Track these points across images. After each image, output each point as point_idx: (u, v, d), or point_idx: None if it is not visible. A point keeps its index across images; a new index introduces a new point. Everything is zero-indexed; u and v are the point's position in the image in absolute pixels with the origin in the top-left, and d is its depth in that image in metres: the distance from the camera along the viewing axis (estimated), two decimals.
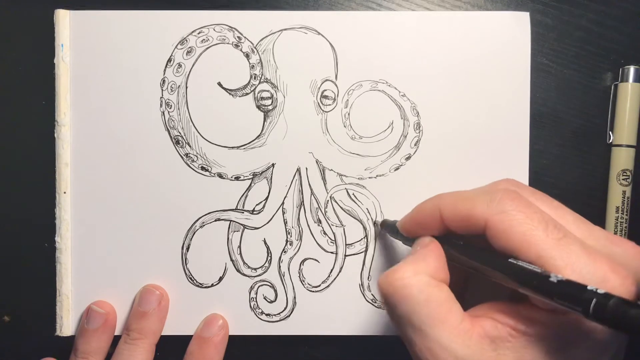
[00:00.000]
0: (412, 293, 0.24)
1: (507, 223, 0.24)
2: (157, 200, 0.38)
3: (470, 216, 0.25)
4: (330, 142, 0.39)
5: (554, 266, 0.22)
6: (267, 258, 0.39)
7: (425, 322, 0.24)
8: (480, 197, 0.25)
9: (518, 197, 0.24)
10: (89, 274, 0.38)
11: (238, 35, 0.38)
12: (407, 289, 0.25)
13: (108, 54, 0.38)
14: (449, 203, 0.27)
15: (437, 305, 0.24)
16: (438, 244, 0.28)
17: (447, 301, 0.25)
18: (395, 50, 0.38)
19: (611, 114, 0.39)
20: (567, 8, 0.39)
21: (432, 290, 0.25)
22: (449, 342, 0.23)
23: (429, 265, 0.26)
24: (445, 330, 0.24)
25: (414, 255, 0.27)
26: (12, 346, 0.39)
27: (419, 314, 0.24)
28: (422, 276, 0.25)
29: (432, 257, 0.26)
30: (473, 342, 0.23)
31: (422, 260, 0.26)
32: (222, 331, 0.38)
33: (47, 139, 0.38)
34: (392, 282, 0.25)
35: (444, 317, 0.24)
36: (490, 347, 0.23)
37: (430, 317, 0.24)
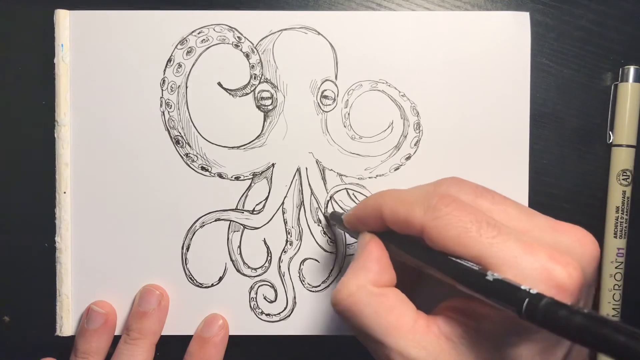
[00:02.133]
0: (360, 308, 0.25)
1: (442, 228, 0.23)
2: (157, 200, 0.38)
3: (408, 221, 0.25)
4: (330, 142, 0.39)
5: (491, 265, 0.22)
6: (267, 258, 0.39)
7: (379, 333, 0.24)
8: (418, 202, 0.25)
9: (453, 200, 0.24)
10: (89, 274, 0.38)
11: (238, 35, 0.38)
12: (356, 305, 0.25)
13: (108, 54, 0.38)
14: (388, 204, 0.26)
15: (386, 313, 0.24)
16: (378, 242, 0.27)
17: (396, 307, 0.25)
18: (395, 50, 0.38)
19: (611, 114, 0.39)
20: (567, 8, 0.39)
21: (378, 300, 0.25)
22: (405, 348, 0.23)
23: (370, 272, 0.26)
24: (399, 336, 0.23)
25: (355, 261, 0.27)
26: (12, 346, 0.39)
27: (371, 327, 0.24)
28: (366, 287, 0.25)
29: (371, 262, 0.26)
30: (430, 343, 0.23)
31: (363, 268, 0.26)
32: (222, 331, 0.38)
33: (47, 139, 0.38)
34: (339, 301, 0.25)
35: (396, 324, 0.24)
36: (448, 345, 0.23)
37: (383, 327, 0.24)
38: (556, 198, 0.39)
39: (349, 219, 0.31)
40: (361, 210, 0.29)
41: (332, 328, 0.38)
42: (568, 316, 0.18)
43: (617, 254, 0.39)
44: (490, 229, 0.23)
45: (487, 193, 0.26)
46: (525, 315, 0.19)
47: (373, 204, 0.28)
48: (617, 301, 0.39)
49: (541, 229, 0.24)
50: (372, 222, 0.28)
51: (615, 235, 0.39)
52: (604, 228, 0.39)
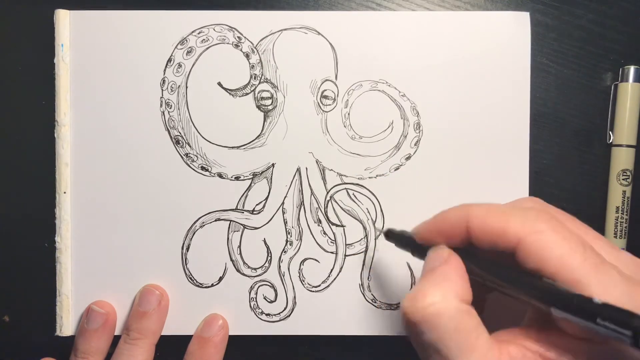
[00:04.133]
0: (443, 322, 0.23)
1: (543, 243, 0.22)
2: (157, 200, 0.38)
3: (503, 233, 0.24)
4: (330, 142, 0.39)
5: (591, 292, 0.21)
6: (267, 258, 0.39)
7: (454, 352, 0.22)
8: (514, 214, 0.24)
9: (553, 217, 0.23)
10: (89, 274, 0.38)
11: (238, 35, 0.38)
12: (437, 317, 0.23)
13: (108, 54, 0.38)
14: (479, 215, 0.25)
15: (467, 333, 0.23)
16: (459, 259, 0.26)
17: (476, 328, 0.23)
18: (395, 50, 0.38)
19: (611, 114, 0.39)
20: (567, 8, 0.39)
21: (462, 317, 0.23)
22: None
23: (456, 285, 0.24)
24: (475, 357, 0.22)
25: (435, 273, 0.25)
26: (12, 346, 0.39)
27: (448, 343, 0.23)
28: (452, 301, 0.23)
29: (456, 276, 0.25)
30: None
31: (447, 280, 0.24)
32: (222, 331, 0.38)
33: (47, 139, 0.38)
34: (420, 309, 0.23)
35: (473, 346, 0.23)
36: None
37: (460, 346, 0.23)
38: (556, 198, 0.39)
39: (424, 232, 0.28)
40: (442, 221, 0.27)
41: (332, 328, 0.38)
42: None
43: None
44: (595, 256, 0.22)
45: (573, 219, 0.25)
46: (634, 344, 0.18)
47: (458, 214, 0.26)
48: None
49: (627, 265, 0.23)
50: (453, 234, 0.26)
51: (615, 235, 0.39)
52: (604, 228, 0.39)
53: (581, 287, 0.21)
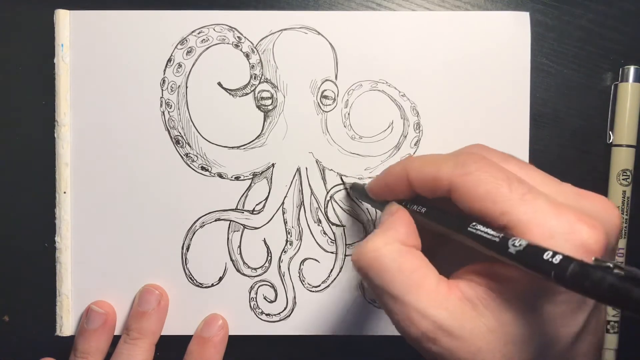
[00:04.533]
0: (385, 263, 0.24)
1: (471, 183, 0.23)
2: (157, 200, 0.38)
3: (436, 179, 0.25)
4: (330, 142, 0.39)
5: (519, 221, 0.22)
6: (267, 258, 0.39)
7: (401, 290, 0.24)
8: (445, 160, 0.25)
9: (482, 158, 0.24)
10: (89, 274, 0.38)
11: (238, 35, 0.38)
12: (380, 259, 0.25)
13: (108, 54, 0.38)
14: (415, 166, 0.27)
15: (410, 272, 0.24)
16: (405, 211, 0.27)
17: (420, 267, 0.24)
18: (395, 50, 0.38)
19: (611, 114, 0.39)
20: (567, 8, 0.39)
21: (404, 258, 0.24)
22: (426, 307, 0.23)
23: (399, 232, 0.26)
24: (421, 295, 0.23)
25: (383, 224, 0.27)
26: (12, 346, 0.39)
27: (394, 283, 0.24)
28: (393, 245, 0.25)
29: (401, 224, 0.26)
30: (451, 305, 0.23)
31: (392, 228, 0.26)
32: (222, 331, 0.38)
33: (47, 139, 0.38)
34: (364, 255, 0.25)
35: (419, 283, 0.24)
36: (469, 308, 0.23)
37: (405, 284, 0.24)
38: None
39: (373, 186, 0.30)
40: (387, 175, 0.29)
41: (332, 328, 0.38)
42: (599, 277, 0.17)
43: (617, 254, 0.39)
44: (521, 187, 0.23)
45: (513, 159, 0.26)
46: (554, 278, 0.19)
47: (399, 167, 0.28)
48: None
49: (566, 194, 0.24)
50: (399, 187, 0.28)
51: None
52: None
53: (508, 217, 0.22)
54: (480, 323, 0.23)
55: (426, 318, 0.23)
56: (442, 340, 0.23)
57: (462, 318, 0.23)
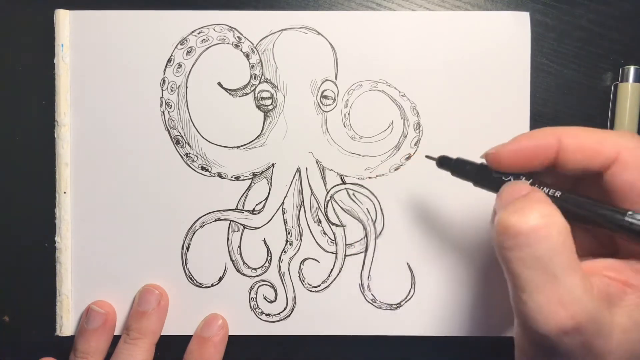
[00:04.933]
0: (552, 234, 0.22)
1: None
2: (157, 200, 0.38)
3: (600, 149, 0.23)
4: (330, 142, 0.39)
5: None
6: (267, 258, 0.39)
7: (562, 267, 0.21)
8: (608, 133, 0.23)
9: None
10: (89, 274, 0.38)
11: (238, 35, 0.38)
12: (548, 228, 0.22)
13: (108, 54, 0.38)
14: (572, 133, 0.24)
15: (572, 251, 0.22)
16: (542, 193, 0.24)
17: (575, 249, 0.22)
18: (395, 50, 0.38)
19: (611, 114, 0.39)
20: (567, 8, 0.39)
21: (569, 234, 0.22)
22: (581, 293, 0.21)
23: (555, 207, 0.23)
24: (578, 278, 0.21)
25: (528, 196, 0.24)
26: (12, 346, 0.39)
27: (554, 259, 0.21)
28: (559, 217, 0.22)
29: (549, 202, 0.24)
30: (595, 297, 0.21)
31: (547, 201, 0.23)
32: (222, 331, 0.38)
33: (47, 139, 0.38)
34: (529, 220, 0.22)
35: (577, 267, 0.22)
36: (606, 306, 0.22)
37: (567, 263, 0.21)
38: None
39: (505, 151, 0.27)
40: (530, 139, 0.26)
41: (332, 328, 0.38)
42: None
43: None
44: None
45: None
46: None
47: (547, 133, 0.25)
48: None
49: None
50: (541, 154, 0.25)
51: None
52: None
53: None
54: (615, 322, 0.21)
55: (580, 304, 0.21)
56: (587, 332, 0.21)
57: (604, 313, 0.21)
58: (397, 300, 0.38)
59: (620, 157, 0.23)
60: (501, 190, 0.26)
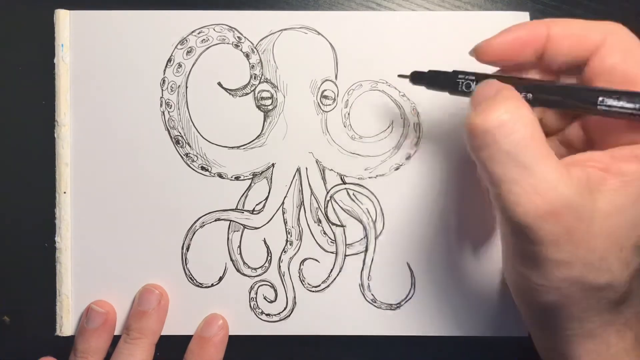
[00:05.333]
0: (518, 127, 0.22)
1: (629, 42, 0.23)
2: (157, 200, 0.38)
3: (587, 33, 0.24)
4: (330, 142, 0.39)
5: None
6: (267, 258, 0.39)
7: (533, 158, 0.22)
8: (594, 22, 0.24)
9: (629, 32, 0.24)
10: (89, 274, 0.38)
11: (238, 35, 0.38)
12: (514, 121, 0.23)
13: (108, 54, 0.38)
14: (561, 22, 0.25)
15: (542, 141, 0.23)
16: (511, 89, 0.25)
17: (546, 140, 0.23)
18: (395, 50, 0.38)
19: None
20: (567, 8, 0.39)
21: (537, 126, 0.23)
22: (557, 180, 0.22)
23: (524, 102, 0.24)
24: (551, 166, 0.22)
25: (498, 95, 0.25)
26: (12, 346, 0.39)
27: (525, 150, 0.22)
28: (526, 110, 0.23)
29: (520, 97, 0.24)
30: (574, 183, 0.22)
31: (514, 97, 0.24)
32: (222, 331, 0.38)
33: (47, 139, 0.38)
34: (496, 117, 0.23)
35: (549, 154, 0.22)
36: (587, 190, 0.22)
37: (538, 152, 0.22)
38: None
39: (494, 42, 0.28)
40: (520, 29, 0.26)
41: (332, 328, 0.38)
42: None
43: None
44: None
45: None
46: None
47: (537, 23, 0.26)
48: None
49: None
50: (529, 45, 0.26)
51: None
52: None
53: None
54: (596, 207, 0.22)
55: (556, 190, 0.22)
56: (566, 217, 0.22)
57: (585, 198, 0.22)
58: (397, 300, 0.38)
59: (606, 42, 0.23)
60: (473, 93, 0.27)
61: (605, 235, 0.22)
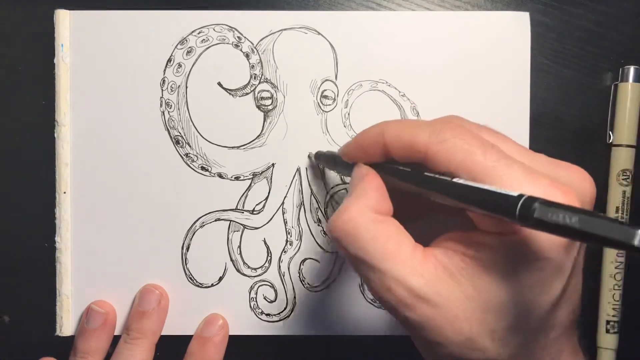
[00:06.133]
0: (360, 233, 0.24)
1: (446, 151, 0.23)
2: (157, 200, 0.38)
3: (412, 144, 0.25)
4: (330, 142, 0.39)
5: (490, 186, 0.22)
6: (267, 258, 0.39)
7: (376, 259, 0.24)
8: (422, 127, 0.25)
9: (459, 126, 0.24)
10: (89, 274, 0.38)
11: (238, 35, 0.38)
12: (354, 230, 0.24)
13: (108, 54, 0.38)
14: (392, 130, 0.26)
15: (385, 240, 0.24)
16: (375, 173, 0.27)
17: (395, 235, 0.24)
18: (395, 50, 0.38)
19: (611, 114, 0.39)
20: (567, 8, 0.39)
21: (378, 227, 0.24)
22: (403, 275, 0.23)
23: (371, 199, 0.26)
24: (397, 263, 0.23)
25: (355, 191, 0.27)
26: (12, 346, 0.39)
27: (369, 252, 0.24)
28: (367, 214, 0.25)
29: (372, 190, 0.26)
30: (427, 272, 0.23)
31: (364, 196, 0.26)
32: (222, 331, 0.38)
33: (47, 139, 0.38)
34: (339, 226, 0.25)
35: (394, 251, 0.24)
36: (446, 276, 0.23)
37: (380, 253, 0.24)
38: None
39: (347, 149, 0.30)
40: (362, 137, 0.28)
41: (332, 328, 0.38)
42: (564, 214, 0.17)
43: (617, 254, 0.39)
44: (495, 153, 0.23)
45: (487, 128, 0.26)
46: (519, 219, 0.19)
47: (375, 130, 0.27)
48: (617, 301, 0.39)
49: (541, 163, 0.24)
50: (374, 150, 0.27)
51: None
52: None
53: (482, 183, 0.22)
54: (457, 290, 0.23)
55: (402, 285, 0.23)
56: (419, 307, 0.23)
57: (439, 286, 0.23)
58: None
59: (428, 154, 0.24)
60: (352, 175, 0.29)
61: (469, 317, 0.23)
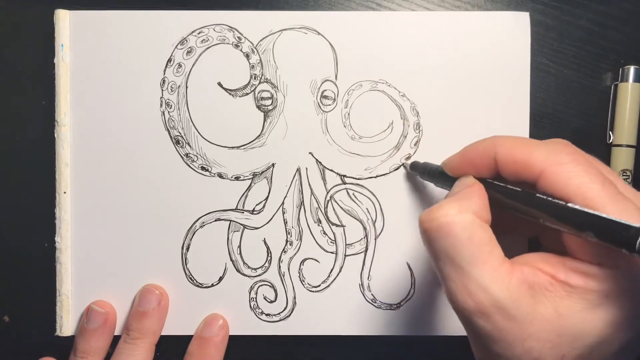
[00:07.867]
0: (456, 231, 0.24)
1: (565, 174, 0.23)
2: (157, 200, 0.38)
3: (527, 163, 0.25)
4: (330, 142, 0.39)
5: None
6: (267, 258, 0.39)
7: (466, 261, 0.24)
8: (538, 146, 0.25)
9: (576, 151, 0.24)
10: (89, 274, 0.38)
11: (238, 36, 0.38)
12: (451, 225, 0.24)
13: (108, 54, 0.38)
14: (506, 146, 0.26)
15: (479, 245, 0.24)
16: (482, 186, 0.27)
17: (489, 242, 0.24)
18: (395, 50, 0.38)
19: (611, 114, 0.39)
20: (567, 8, 0.39)
21: (475, 230, 0.24)
22: (488, 283, 0.23)
23: (474, 204, 0.25)
24: (485, 270, 0.23)
25: (457, 194, 0.26)
26: (12, 346, 0.39)
27: (460, 252, 0.24)
28: (467, 214, 0.25)
29: (476, 196, 0.26)
30: (512, 286, 0.23)
31: (467, 198, 0.26)
32: (222, 331, 0.38)
33: (47, 139, 0.38)
34: (435, 218, 0.25)
35: (485, 258, 0.24)
36: (528, 293, 0.23)
37: (472, 256, 0.24)
38: None
39: (454, 161, 0.30)
40: (472, 151, 0.28)
41: (332, 328, 0.38)
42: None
43: None
44: (613, 187, 0.23)
45: (599, 162, 0.26)
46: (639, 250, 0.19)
47: (486, 145, 0.27)
48: None
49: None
50: (481, 164, 0.27)
51: None
52: None
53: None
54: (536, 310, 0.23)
55: (486, 292, 0.23)
56: (495, 317, 0.23)
57: (520, 301, 0.23)
58: (397, 300, 0.38)
59: (543, 175, 0.24)
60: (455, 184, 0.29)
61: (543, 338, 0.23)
